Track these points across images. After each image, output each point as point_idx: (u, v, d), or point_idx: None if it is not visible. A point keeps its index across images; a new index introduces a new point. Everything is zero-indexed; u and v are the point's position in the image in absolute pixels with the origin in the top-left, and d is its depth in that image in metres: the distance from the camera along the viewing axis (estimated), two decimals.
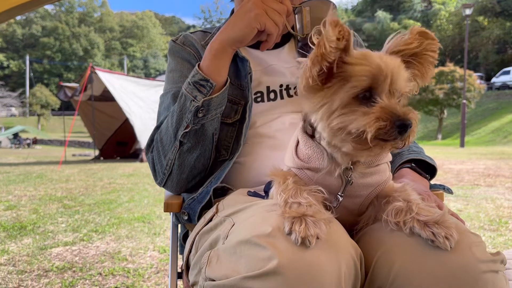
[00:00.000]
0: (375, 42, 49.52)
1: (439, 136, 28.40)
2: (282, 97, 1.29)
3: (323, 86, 0.80)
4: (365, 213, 0.94)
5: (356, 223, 0.95)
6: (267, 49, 1.18)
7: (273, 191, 0.90)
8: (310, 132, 0.91)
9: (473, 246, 0.76)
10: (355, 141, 0.78)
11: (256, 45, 1.22)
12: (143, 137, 12.18)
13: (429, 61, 0.87)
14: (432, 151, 14.12)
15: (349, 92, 0.78)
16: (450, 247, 0.74)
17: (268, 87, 1.29)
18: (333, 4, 1.14)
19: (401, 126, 0.75)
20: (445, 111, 28.92)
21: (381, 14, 51.34)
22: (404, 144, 0.79)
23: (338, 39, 0.75)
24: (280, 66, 1.33)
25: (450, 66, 27.90)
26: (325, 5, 1.13)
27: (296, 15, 1.15)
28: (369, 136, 0.75)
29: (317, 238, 0.71)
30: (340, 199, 0.88)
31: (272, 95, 1.29)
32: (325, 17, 1.12)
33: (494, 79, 35.83)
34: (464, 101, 21.31)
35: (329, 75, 0.79)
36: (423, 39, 0.85)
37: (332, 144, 0.84)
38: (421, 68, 0.87)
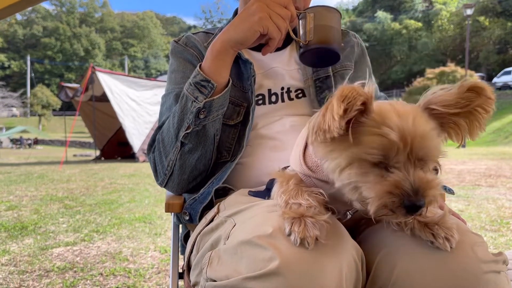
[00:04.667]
0: (376, 42, 49.56)
1: None
2: (283, 100, 1.29)
3: (334, 138, 0.69)
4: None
5: (358, 225, 0.95)
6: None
7: (274, 191, 0.90)
8: None
9: (475, 246, 0.76)
10: (363, 205, 0.73)
11: (258, 48, 1.22)
12: (135, 141, 12.53)
13: (478, 118, 0.73)
14: None
15: (358, 158, 0.70)
16: (450, 248, 0.74)
17: (269, 90, 1.30)
18: (339, 12, 1.14)
19: (411, 207, 0.67)
20: None
21: (381, 14, 51.29)
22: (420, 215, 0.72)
23: (344, 111, 0.66)
24: (281, 69, 1.33)
25: (451, 66, 27.88)
26: (330, 13, 1.12)
27: (300, 21, 1.14)
28: (372, 210, 0.69)
29: (316, 239, 0.71)
30: (349, 216, 0.88)
31: (273, 98, 1.29)
32: (328, 25, 1.12)
33: (495, 79, 35.76)
34: None
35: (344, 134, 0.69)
36: (476, 97, 0.71)
37: None
38: (468, 122, 0.74)
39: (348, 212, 0.88)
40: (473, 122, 0.74)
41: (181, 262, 1.27)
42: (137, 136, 12.58)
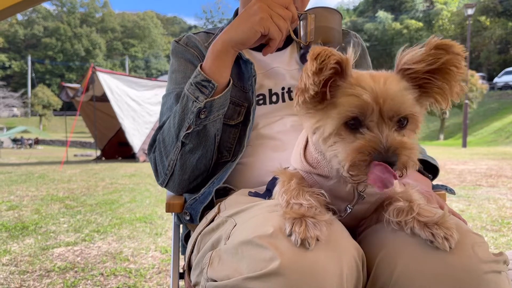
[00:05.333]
0: (377, 42, 49.52)
1: (441, 136, 28.36)
2: (284, 100, 1.29)
3: (316, 108, 0.78)
4: (369, 216, 0.94)
5: (359, 224, 0.95)
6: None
7: (276, 190, 0.90)
8: None
9: (476, 246, 0.76)
10: (351, 173, 0.75)
11: (258, 48, 1.22)
12: (135, 141, 12.57)
13: (453, 76, 0.76)
14: (434, 151, 14.10)
15: (336, 119, 0.75)
16: (450, 248, 0.73)
17: (270, 90, 1.30)
18: (339, 13, 1.14)
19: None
20: (447, 111, 28.83)
21: (382, 14, 51.24)
22: (401, 176, 0.74)
23: (319, 70, 0.71)
24: (282, 68, 1.33)
25: None
26: (331, 14, 1.12)
27: (301, 22, 1.14)
28: (345, 169, 0.73)
29: (317, 240, 0.71)
30: (349, 210, 0.88)
31: (274, 98, 1.29)
32: (329, 26, 1.12)
33: (496, 79, 35.74)
34: (466, 101, 21.26)
35: (323, 96, 0.76)
36: (444, 54, 0.74)
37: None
38: (446, 83, 0.77)
39: (347, 206, 0.88)
40: (450, 82, 0.77)
41: (182, 262, 1.27)
42: (138, 136, 12.61)
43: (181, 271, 1.30)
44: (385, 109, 0.73)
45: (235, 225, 0.86)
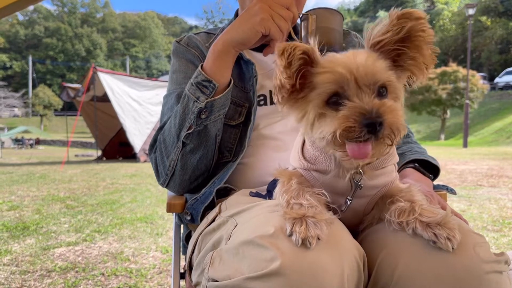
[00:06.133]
0: None
1: (442, 137, 28.35)
2: None
3: (297, 98, 0.81)
4: (370, 213, 0.94)
5: (360, 223, 0.95)
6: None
7: (276, 191, 0.90)
8: None
9: (477, 247, 0.76)
10: (337, 147, 0.77)
11: (259, 48, 1.22)
12: (136, 141, 12.61)
13: (422, 41, 0.79)
14: (435, 152, 14.09)
15: (318, 99, 0.78)
16: (452, 248, 0.73)
17: (271, 91, 1.30)
18: (341, 14, 1.14)
19: (369, 125, 0.71)
20: (448, 112, 28.86)
21: (383, 14, 51.23)
22: (392, 141, 0.76)
23: (288, 64, 0.75)
24: None
25: (453, 66, 27.85)
26: (332, 15, 1.12)
27: (302, 22, 1.14)
28: (337, 138, 0.74)
29: (318, 239, 0.71)
30: (349, 202, 0.88)
31: (275, 99, 1.29)
32: (330, 27, 1.12)
33: (497, 79, 35.72)
34: (467, 101, 21.25)
35: (301, 87, 0.79)
36: (407, 21, 0.76)
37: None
38: (418, 50, 0.80)
39: (347, 199, 0.88)
40: (421, 48, 0.79)
41: (183, 262, 1.27)
42: (139, 136, 12.62)
43: (182, 271, 1.30)
44: (359, 77, 0.75)
45: (236, 225, 0.86)
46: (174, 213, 1.33)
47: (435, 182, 1.25)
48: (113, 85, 12.34)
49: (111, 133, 14.57)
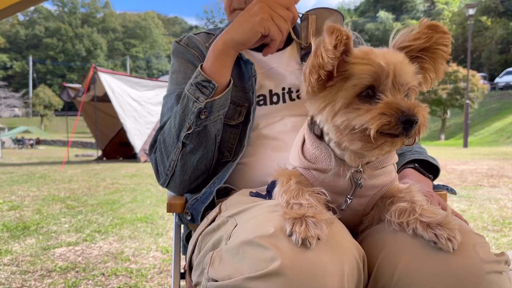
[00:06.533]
0: (378, 42, 49.42)
1: (442, 137, 28.34)
2: (284, 101, 1.29)
3: (325, 86, 0.79)
4: (370, 213, 0.94)
5: (360, 223, 0.95)
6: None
7: (276, 191, 0.90)
8: (319, 133, 0.90)
9: (477, 247, 0.76)
10: (362, 138, 0.77)
11: (258, 48, 1.22)
12: (136, 141, 12.60)
13: (440, 55, 0.83)
14: (435, 152, 14.08)
15: (351, 90, 0.77)
16: (453, 249, 0.73)
17: (270, 91, 1.30)
18: (341, 14, 1.14)
19: (407, 122, 0.73)
20: (448, 112, 28.85)
21: (383, 14, 51.26)
22: (414, 140, 0.78)
23: (335, 46, 0.74)
24: (282, 69, 1.33)
25: (453, 66, 27.82)
26: (332, 15, 1.12)
27: (302, 22, 1.14)
28: (372, 132, 0.74)
29: (318, 239, 0.71)
30: (349, 201, 0.88)
31: (275, 98, 1.29)
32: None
33: (497, 79, 35.69)
34: (467, 101, 21.23)
35: (331, 76, 0.78)
36: (433, 33, 0.81)
37: (341, 145, 0.83)
38: (433, 63, 0.84)
39: (347, 197, 0.88)
40: (437, 61, 0.84)
41: (183, 262, 1.27)
42: (139, 136, 12.62)
43: (182, 271, 1.30)
44: (397, 75, 0.76)
45: (236, 225, 0.86)
46: (174, 213, 1.33)
47: (435, 182, 1.25)
48: (114, 85, 12.33)
49: (111, 133, 14.57)
